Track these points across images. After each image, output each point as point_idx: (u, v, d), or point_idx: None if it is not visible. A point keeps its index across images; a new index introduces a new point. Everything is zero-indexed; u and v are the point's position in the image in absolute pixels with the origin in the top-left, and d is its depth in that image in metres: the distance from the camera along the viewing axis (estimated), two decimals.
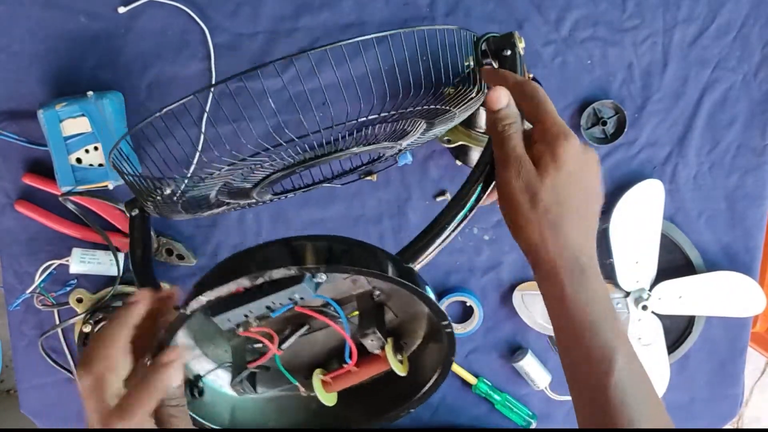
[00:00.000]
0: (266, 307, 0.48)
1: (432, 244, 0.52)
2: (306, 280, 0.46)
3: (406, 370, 0.54)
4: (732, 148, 0.85)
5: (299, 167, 0.57)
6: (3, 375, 1.79)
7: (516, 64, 0.59)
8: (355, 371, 0.54)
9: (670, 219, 0.87)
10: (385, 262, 0.48)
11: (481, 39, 0.61)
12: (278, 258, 0.45)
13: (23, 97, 0.78)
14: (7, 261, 0.84)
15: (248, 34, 0.78)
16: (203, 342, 0.56)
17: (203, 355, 0.57)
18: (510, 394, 0.93)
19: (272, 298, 0.47)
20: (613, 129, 0.83)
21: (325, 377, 0.54)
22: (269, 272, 0.44)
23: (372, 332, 0.51)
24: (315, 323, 0.54)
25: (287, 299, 0.47)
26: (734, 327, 0.92)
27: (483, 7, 0.79)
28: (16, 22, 0.76)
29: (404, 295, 0.51)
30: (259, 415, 0.58)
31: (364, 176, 0.83)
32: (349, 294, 0.53)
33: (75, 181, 0.75)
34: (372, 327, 0.51)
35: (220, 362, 0.57)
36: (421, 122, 0.62)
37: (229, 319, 0.48)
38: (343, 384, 0.55)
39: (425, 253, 0.51)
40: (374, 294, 0.53)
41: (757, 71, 0.83)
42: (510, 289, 0.89)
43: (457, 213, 0.52)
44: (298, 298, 0.47)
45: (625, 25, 0.80)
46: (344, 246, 0.48)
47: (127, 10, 0.76)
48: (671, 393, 0.91)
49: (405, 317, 0.56)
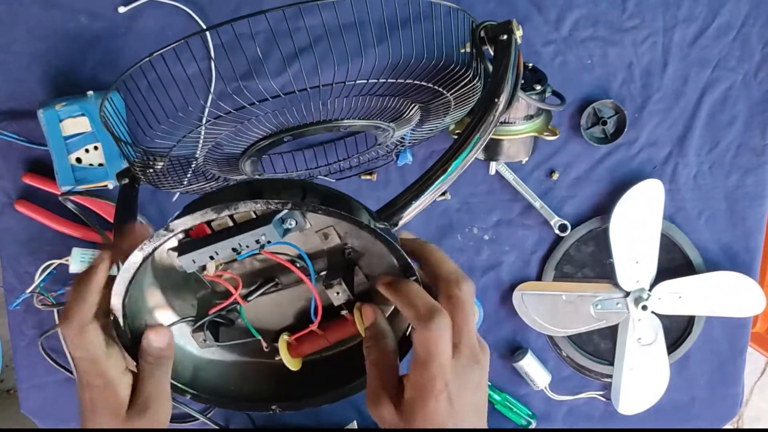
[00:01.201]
0: (232, 249, 0.47)
1: (410, 206, 0.51)
2: (274, 222, 0.46)
3: None
4: (732, 148, 0.85)
5: (287, 134, 0.56)
6: (3, 375, 1.79)
7: (511, 49, 0.59)
8: (321, 334, 0.52)
9: (670, 219, 0.87)
10: (359, 212, 0.47)
11: (480, 26, 0.62)
12: (246, 193, 0.45)
13: (23, 97, 0.78)
14: (7, 261, 0.84)
15: (248, 34, 0.77)
16: (170, 295, 0.56)
17: (170, 308, 0.56)
18: (510, 394, 0.93)
19: (238, 239, 0.46)
20: (613, 129, 0.83)
21: (291, 338, 0.53)
22: (235, 204, 0.44)
23: (337, 282, 0.50)
24: (284, 279, 0.54)
25: (254, 241, 0.47)
26: (734, 327, 0.92)
27: (483, 6, 0.79)
28: (17, 22, 0.76)
29: (376, 254, 0.51)
30: (220, 379, 0.57)
31: (364, 175, 0.83)
32: (320, 249, 0.52)
33: (75, 180, 0.75)
34: (338, 277, 0.50)
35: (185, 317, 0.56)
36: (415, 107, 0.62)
37: (194, 260, 0.47)
38: (310, 348, 0.54)
39: (403, 214, 0.50)
40: (345, 250, 0.52)
41: (757, 71, 0.83)
42: (510, 289, 0.89)
43: (438, 177, 0.52)
44: (265, 241, 0.47)
45: (625, 25, 0.80)
46: (317, 190, 0.48)
47: (128, 10, 0.76)
48: (671, 393, 0.91)
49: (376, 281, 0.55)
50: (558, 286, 0.88)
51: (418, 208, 0.51)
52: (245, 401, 0.57)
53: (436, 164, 0.52)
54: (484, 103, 0.55)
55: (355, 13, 0.56)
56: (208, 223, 0.47)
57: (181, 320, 0.55)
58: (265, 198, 0.44)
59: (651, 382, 0.91)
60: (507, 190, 0.86)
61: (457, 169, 0.52)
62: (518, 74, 0.61)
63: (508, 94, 0.56)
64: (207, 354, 0.57)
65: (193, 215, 0.44)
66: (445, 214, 0.86)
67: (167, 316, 0.56)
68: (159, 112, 0.57)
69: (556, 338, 0.91)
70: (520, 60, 0.62)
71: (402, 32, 0.53)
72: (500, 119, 0.56)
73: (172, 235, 0.46)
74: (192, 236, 0.48)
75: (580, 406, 0.95)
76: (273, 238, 0.47)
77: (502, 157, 0.77)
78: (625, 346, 0.88)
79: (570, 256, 0.88)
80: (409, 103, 0.66)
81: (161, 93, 0.55)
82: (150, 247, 0.46)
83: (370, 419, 0.93)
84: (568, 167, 0.85)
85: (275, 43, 0.60)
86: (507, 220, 0.87)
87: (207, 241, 0.47)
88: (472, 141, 0.53)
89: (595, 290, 0.87)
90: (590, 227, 0.86)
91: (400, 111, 0.62)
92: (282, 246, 0.50)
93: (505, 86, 0.56)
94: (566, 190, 0.86)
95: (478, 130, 0.53)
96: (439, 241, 0.87)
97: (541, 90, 0.73)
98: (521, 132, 0.75)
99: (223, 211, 0.44)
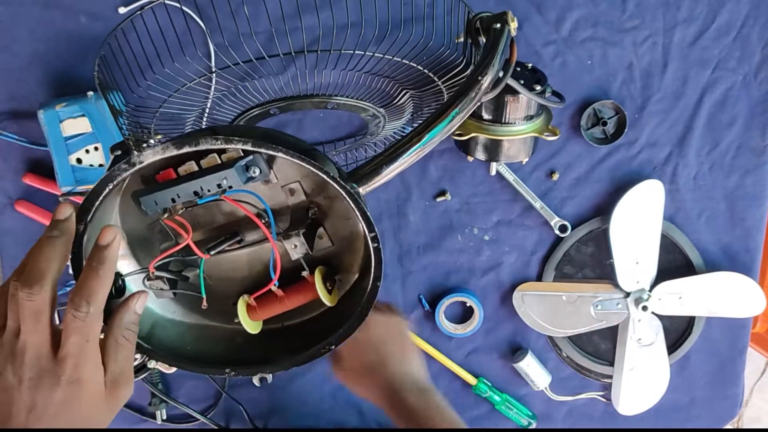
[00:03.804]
0: (194, 192, 0.47)
1: (380, 172, 0.49)
2: (236, 167, 0.46)
3: (334, 301, 0.53)
4: (732, 148, 0.85)
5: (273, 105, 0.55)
6: None
7: (502, 36, 0.59)
8: (281, 296, 0.52)
9: (670, 219, 0.87)
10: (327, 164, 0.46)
11: (476, 17, 0.62)
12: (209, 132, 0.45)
13: (23, 97, 0.78)
14: (7, 261, 0.84)
15: (248, 34, 0.77)
16: (135, 247, 0.55)
17: (133, 259, 0.56)
18: (510, 394, 0.93)
19: (200, 182, 0.46)
20: (613, 129, 0.83)
21: (250, 300, 0.53)
22: (195, 140, 0.44)
23: (295, 234, 0.49)
24: (247, 237, 0.53)
25: (215, 185, 0.46)
26: (734, 327, 0.92)
27: (483, 6, 0.78)
28: (17, 22, 0.76)
29: (341, 216, 0.50)
30: (178, 338, 0.57)
31: None
32: (285, 205, 0.51)
33: (75, 181, 0.75)
34: (297, 230, 0.49)
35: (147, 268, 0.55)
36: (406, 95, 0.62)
37: (155, 201, 0.47)
38: (270, 311, 0.53)
39: (373, 180, 0.49)
40: (310, 209, 0.52)
41: (757, 71, 0.83)
42: (510, 290, 0.89)
43: (412, 145, 0.50)
44: (227, 186, 0.46)
45: (625, 25, 0.80)
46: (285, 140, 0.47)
47: (128, 11, 0.76)
48: (671, 393, 0.91)
49: (341, 247, 0.54)
50: (558, 287, 0.88)
51: (388, 176, 0.49)
52: (201, 363, 0.56)
53: (411, 133, 0.50)
54: (468, 80, 0.54)
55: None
56: (175, 169, 0.47)
57: (140, 270, 0.54)
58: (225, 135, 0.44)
59: (651, 382, 0.91)
60: (507, 191, 0.86)
61: (431, 140, 0.50)
62: (509, 62, 0.61)
63: (493, 75, 0.55)
64: (168, 313, 0.57)
65: (155, 149, 0.44)
66: (445, 215, 0.86)
67: (130, 265, 0.55)
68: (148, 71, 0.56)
69: (556, 339, 0.91)
70: (513, 50, 0.61)
71: (397, 14, 0.53)
72: (483, 100, 0.55)
73: (134, 169, 0.45)
74: (159, 181, 0.48)
75: (581, 406, 0.95)
76: (235, 183, 0.46)
77: (503, 157, 0.77)
78: (625, 346, 0.88)
79: (570, 257, 0.88)
80: (400, 88, 0.65)
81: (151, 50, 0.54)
82: (112, 181, 0.46)
83: (371, 419, 0.93)
84: (569, 168, 0.85)
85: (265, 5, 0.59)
86: (507, 220, 0.87)
87: (171, 184, 0.47)
88: (450, 115, 0.51)
89: (595, 291, 0.87)
90: (590, 228, 0.86)
91: (391, 96, 0.62)
92: (248, 197, 0.50)
93: (492, 67, 0.55)
94: (566, 191, 0.86)
95: (457, 104, 0.52)
96: (440, 241, 0.87)
97: (541, 90, 0.73)
98: (521, 132, 0.75)
99: (184, 147, 0.44)
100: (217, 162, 0.47)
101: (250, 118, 0.62)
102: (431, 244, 0.87)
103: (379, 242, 0.48)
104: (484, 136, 0.75)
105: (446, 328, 0.89)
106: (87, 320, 0.44)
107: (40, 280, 0.44)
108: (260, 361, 0.55)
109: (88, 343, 0.45)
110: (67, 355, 0.44)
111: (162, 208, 0.48)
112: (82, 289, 0.44)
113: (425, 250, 0.88)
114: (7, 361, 0.44)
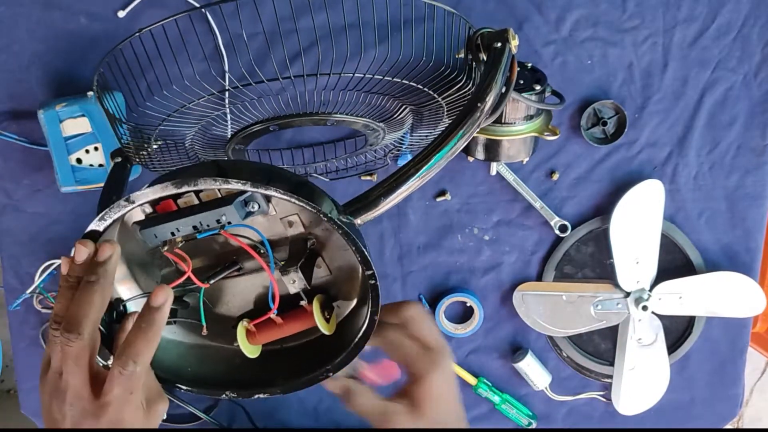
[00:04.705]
0: (193, 227, 0.48)
1: (380, 202, 0.49)
2: (235, 204, 0.46)
3: (331, 329, 0.53)
4: (732, 148, 0.85)
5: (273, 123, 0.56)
6: (3, 375, 1.79)
7: (503, 56, 0.59)
8: (279, 323, 0.53)
9: (670, 219, 0.87)
10: (322, 201, 0.47)
11: (477, 33, 0.62)
12: (211, 172, 0.45)
13: (23, 97, 0.78)
14: (7, 261, 0.84)
15: (248, 34, 0.77)
16: (136, 270, 0.56)
17: (135, 282, 0.56)
18: (510, 394, 0.93)
19: (200, 217, 0.47)
20: (613, 129, 0.83)
21: (250, 325, 0.54)
22: (195, 180, 0.44)
23: (294, 270, 0.50)
24: (247, 265, 0.54)
25: (215, 221, 0.47)
26: (734, 327, 0.92)
27: (483, 6, 0.79)
28: (17, 22, 0.76)
29: (339, 247, 0.51)
30: (178, 359, 0.57)
31: (364, 176, 0.83)
32: (283, 237, 0.52)
33: (75, 181, 0.75)
34: (295, 265, 0.50)
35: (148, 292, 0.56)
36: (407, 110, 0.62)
37: (155, 234, 0.48)
38: (268, 337, 0.54)
39: (371, 211, 0.49)
40: (309, 240, 0.52)
41: (758, 71, 0.83)
42: (510, 290, 0.89)
43: (411, 175, 0.50)
44: (225, 221, 0.47)
45: (625, 25, 0.80)
46: (283, 176, 0.48)
47: (126, 14, 0.76)
48: (671, 393, 0.91)
49: (339, 276, 0.55)
50: (558, 287, 0.88)
51: (388, 205, 0.50)
52: (200, 384, 0.57)
53: (410, 163, 0.51)
54: (468, 106, 0.54)
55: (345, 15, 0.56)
56: (175, 200, 0.48)
57: (142, 295, 0.55)
58: (226, 177, 0.45)
59: (651, 382, 0.91)
60: (507, 191, 0.86)
61: (430, 169, 0.51)
62: (510, 81, 0.61)
63: (494, 99, 0.55)
64: (169, 334, 0.57)
65: (154, 188, 0.45)
66: (445, 215, 0.86)
67: (130, 290, 0.56)
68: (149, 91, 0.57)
69: (556, 338, 0.91)
70: (514, 69, 0.61)
71: (397, 33, 0.53)
72: (484, 124, 0.55)
73: (132, 206, 0.46)
74: (159, 212, 0.48)
75: (581, 406, 0.95)
76: (233, 219, 0.47)
77: (503, 157, 0.78)
78: (625, 346, 0.88)
79: (570, 257, 0.88)
80: (399, 104, 0.66)
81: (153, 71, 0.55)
82: (110, 216, 0.46)
83: None
84: (569, 168, 0.85)
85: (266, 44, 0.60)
86: (507, 220, 0.87)
87: (170, 217, 0.47)
88: (449, 143, 0.51)
89: (595, 290, 0.87)
90: (590, 228, 0.86)
91: (391, 111, 0.62)
92: (246, 231, 0.50)
93: (492, 91, 0.55)
94: (566, 191, 0.86)
95: (457, 132, 0.52)
96: (439, 241, 0.87)
97: (541, 90, 0.73)
98: (521, 132, 0.75)
99: (183, 186, 0.45)
100: (217, 195, 0.47)
101: (250, 134, 0.63)
102: (431, 244, 0.87)
103: (377, 279, 0.48)
104: (484, 136, 0.75)
105: (446, 328, 0.89)
106: (132, 377, 0.46)
107: (77, 327, 0.45)
108: (259, 382, 0.56)
109: (132, 394, 0.47)
110: (110, 403, 0.47)
111: (162, 241, 0.49)
112: (130, 348, 0.47)
113: (425, 249, 0.88)
114: (52, 397, 0.48)
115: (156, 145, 0.59)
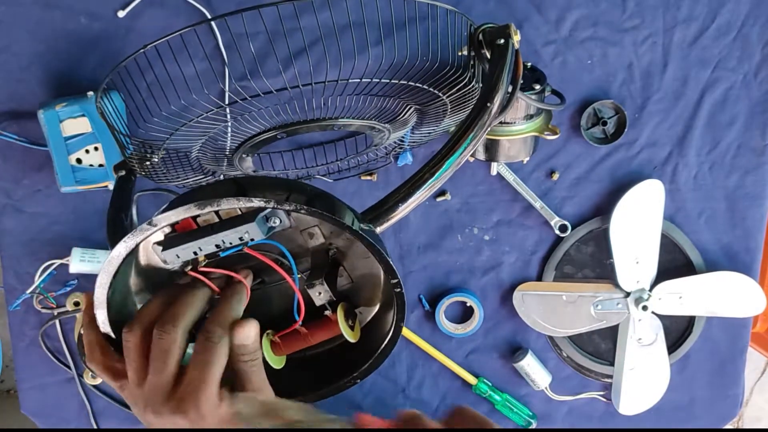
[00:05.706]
0: (216, 246, 0.47)
1: (397, 208, 0.50)
2: (257, 220, 0.46)
3: (356, 336, 0.53)
4: (732, 148, 0.85)
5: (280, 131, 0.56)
6: (3, 375, 1.79)
7: (507, 53, 0.59)
8: (304, 333, 0.53)
9: (670, 219, 0.87)
10: (342, 212, 0.47)
11: (478, 29, 0.61)
12: (231, 190, 0.46)
13: (23, 97, 0.78)
14: (8, 261, 0.84)
15: (248, 34, 0.77)
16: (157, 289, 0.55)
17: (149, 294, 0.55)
18: (510, 394, 0.93)
19: (222, 236, 0.47)
20: (613, 129, 0.83)
21: (275, 338, 0.53)
22: (218, 200, 0.44)
23: (319, 282, 0.50)
24: (269, 278, 0.54)
25: (237, 239, 0.47)
26: (734, 327, 0.92)
27: (483, 6, 0.79)
28: (16, 23, 0.76)
29: (360, 255, 0.51)
30: None
31: (364, 175, 0.83)
32: (304, 248, 0.52)
33: (75, 181, 0.75)
34: (320, 277, 0.50)
35: None
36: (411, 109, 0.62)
37: (178, 255, 0.48)
38: (293, 347, 0.54)
39: (389, 217, 0.50)
40: (330, 250, 0.52)
41: (757, 71, 0.83)
42: (510, 289, 0.89)
43: (425, 180, 0.51)
44: (248, 239, 0.47)
45: (625, 25, 0.80)
46: (302, 189, 0.48)
47: (126, 14, 0.76)
48: (671, 393, 0.91)
49: (361, 283, 0.55)
50: (558, 287, 0.88)
51: (404, 211, 0.50)
52: None
53: (425, 167, 0.51)
54: (477, 107, 0.54)
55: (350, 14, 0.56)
56: (194, 218, 0.48)
57: None
58: (248, 195, 0.45)
59: (651, 382, 0.91)
60: (507, 191, 0.86)
61: (445, 173, 0.51)
62: (516, 78, 0.61)
63: (502, 98, 0.55)
64: (190, 348, 0.57)
65: (176, 210, 0.45)
66: (445, 215, 0.86)
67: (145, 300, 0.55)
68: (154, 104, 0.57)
69: (556, 338, 0.91)
70: (519, 64, 0.61)
71: (399, 34, 0.53)
72: (494, 123, 0.56)
73: (155, 229, 0.46)
74: (178, 231, 0.48)
75: (581, 406, 0.95)
76: (256, 236, 0.47)
77: (503, 157, 0.77)
78: (625, 346, 0.88)
79: (570, 257, 0.88)
80: (404, 104, 0.66)
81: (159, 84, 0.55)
82: (133, 240, 0.46)
83: None
84: (569, 168, 0.85)
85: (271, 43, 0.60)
86: (507, 220, 0.87)
87: (191, 237, 0.47)
88: (462, 145, 0.52)
89: (595, 290, 0.87)
90: (590, 227, 0.86)
91: (396, 112, 0.62)
92: (267, 244, 0.50)
93: (499, 90, 0.55)
94: (566, 191, 0.86)
95: (468, 134, 0.53)
96: (439, 241, 0.87)
97: (540, 89, 0.73)
98: (521, 132, 0.75)
99: (206, 207, 0.45)
100: (237, 212, 0.47)
101: (258, 142, 0.63)
102: (431, 244, 0.87)
103: (402, 287, 0.49)
104: (484, 136, 0.75)
105: (446, 327, 0.89)
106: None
107: (172, 321, 0.47)
108: (286, 392, 0.55)
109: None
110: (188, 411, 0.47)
111: (184, 261, 0.49)
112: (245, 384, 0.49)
113: (425, 249, 0.88)
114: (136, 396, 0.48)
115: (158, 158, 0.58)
